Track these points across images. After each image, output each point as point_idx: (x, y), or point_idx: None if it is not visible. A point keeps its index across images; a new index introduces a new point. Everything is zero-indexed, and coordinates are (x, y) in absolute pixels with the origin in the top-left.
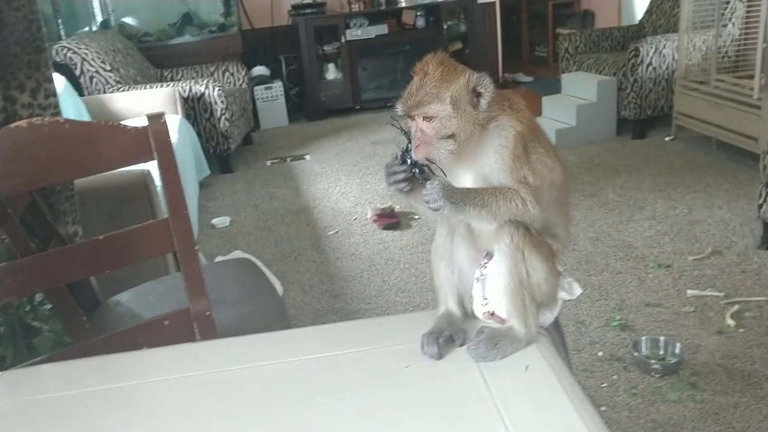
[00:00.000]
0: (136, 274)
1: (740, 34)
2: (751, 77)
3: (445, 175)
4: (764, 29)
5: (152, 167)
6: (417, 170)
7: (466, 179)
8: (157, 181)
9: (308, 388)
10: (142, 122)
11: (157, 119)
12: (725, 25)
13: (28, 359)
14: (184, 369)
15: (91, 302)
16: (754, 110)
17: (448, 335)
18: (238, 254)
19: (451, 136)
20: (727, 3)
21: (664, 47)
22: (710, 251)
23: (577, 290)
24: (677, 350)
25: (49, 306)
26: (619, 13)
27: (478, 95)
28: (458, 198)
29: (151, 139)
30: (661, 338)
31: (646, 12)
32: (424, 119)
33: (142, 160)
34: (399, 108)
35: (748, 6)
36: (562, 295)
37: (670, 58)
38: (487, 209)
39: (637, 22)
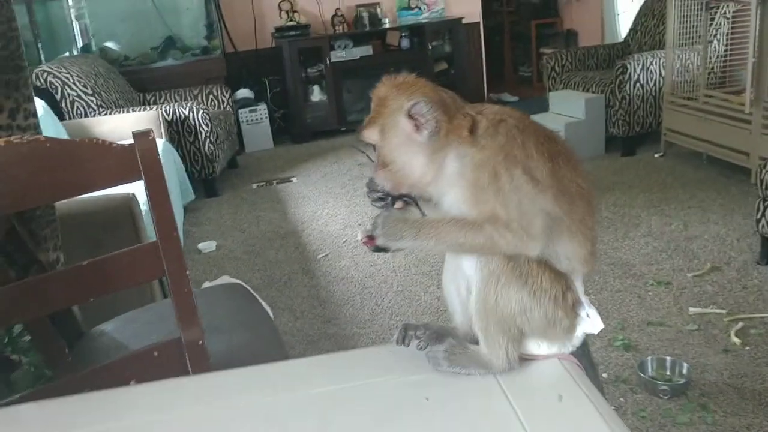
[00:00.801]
0: (121, 302)
1: (725, 51)
2: (738, 92)
3: (416, 203)
4: (754, 44)
5: (137, 190)
6: (387, 195)
7: (441, 210)
8: (143, 206)
9: (319, 425)
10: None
11: (144, 136)
12: (710, 42)
13: (6, 395)
14: (178, 406)
15: (73, 333)
16: (745, 125)
17: (432, 335)
18: (225, 279)
19: (385, 165)
20: (712, 20)
21: (651, 64)
22: (709, 267)
23: (598, 325)
24: (684, 370)
25: (28, 338)
26: (602, 32)
27: (419, 123)
28: (407, 233)
29: (139, 157)
30: (668, 358)
31: (631, 30)
32: (373, 145)
33: (129, 179)
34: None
35: (733, 22)
36: (581, 328)
37: (657, 75)
38: (448, 245)
39: (619, 41)
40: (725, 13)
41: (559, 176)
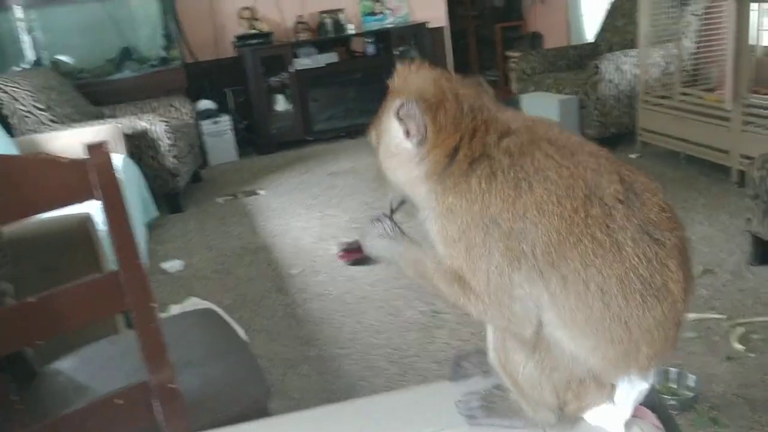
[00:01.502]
0: (79, 334)
1: (696, 48)
2: (711, 90)
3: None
4: (732, 42)
5: (94, 210)
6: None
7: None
8: (101, 226)
9: None
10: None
11: (98, 150)
12: (680, 39)
13: None
14: None
15: (24, 373)
16: (723, 122)
17: (477, 361)
18: (194, 302)
19: (380, 171)
20: (682, 17)
21: (624, 63)
22: (702, 270)
23: (617, 424)
24: (691, 382)
25: None
26: (568, 34)
27: (408, 128)
28: (389, 256)
29: (93, 173)
30: (672, 370)
31: (600, 30)
32: None
33: (82, 199)
34: None
35: (705, 20)
36: (594, 419)
37: (630, 75)
38: (427, 284)
39: (586, 41)
40: (695, 10)
41: (569, 254)
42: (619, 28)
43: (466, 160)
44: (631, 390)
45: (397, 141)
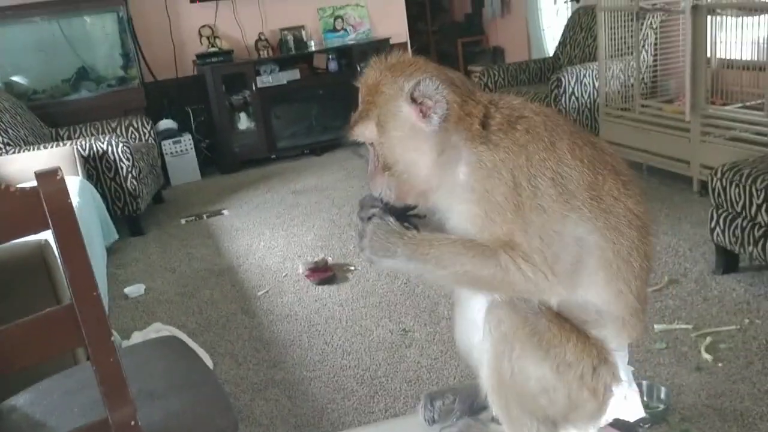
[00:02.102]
0: (36, 367)
1: (654, 61)
2: (670, 101)
3: (418, 217)
4: (689, 54)
5: (51, 236)
6: (380, 207)
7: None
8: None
9: None
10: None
11: (50, 177)
12: (638, 52)
13: None
14: None
15: None
16: (683, 133)
17: (451, 400)
18: (157, 327)
19: (387, 168)
20: (640, 31)
21: (585, 76)
22: (667, 281)
23: (636, 411)
24: (662, 395)
25: None
26: (529, 48)
27: (426, 107)
28: (401, 249)
29: (44, 202)
30: (644, 382)
31: (560, 43)
32: (370, 144)
33: (33, 230)
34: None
35: (662, 33)
36: (612, 413)
37: (591, 87)
38: (450, 272)
39: (547, 55)
40: (651, 24)
41: (602, 192)
42: (579, 41)
43: (505, 120)
44: (627, 372)
45: (412, 122)
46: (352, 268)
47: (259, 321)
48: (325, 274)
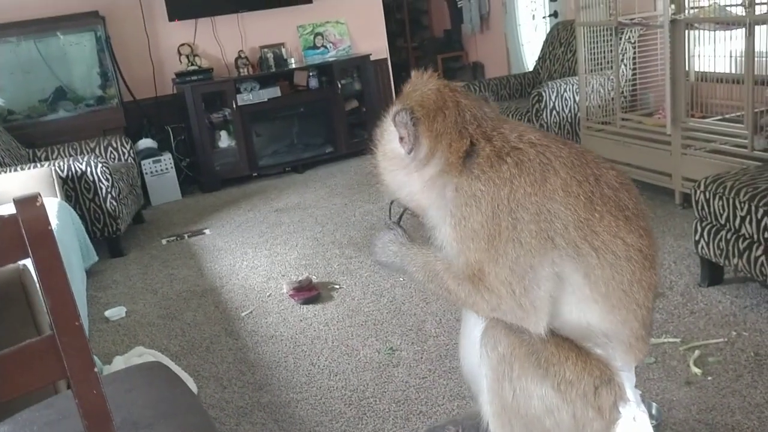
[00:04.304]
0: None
1: (633, 75)
2: (650, 114)
3: (403, 230)
4: (668, 67)
5: (30, 261)
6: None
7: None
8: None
9: None
10: (11, 209)
11: (29, 204)
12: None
13: None
14: None
15: None
16: (664, 146)
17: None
18: (140, 351)
19: (383, 181)
20: (618, 45)
21: (565, 91)
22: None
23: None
24: (654, 411)
25: None
26: (508, 63)
27: (402, 135)
28: (398, 259)
29: (24, 231)
30: None
31: (539, 58)
32: None
33: (12, 259)
34: None
35: (639, 47)
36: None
37: (571, 102)
38: (436, 287)
39: (527, 70)
40: (630, 38)
41: (598, 228)
42: (558, 56)
43: (494, 153)
44: (635, 393)
45: (393, 145)
46: (337, 286)
47: (244, 343)
48: (309, 293)
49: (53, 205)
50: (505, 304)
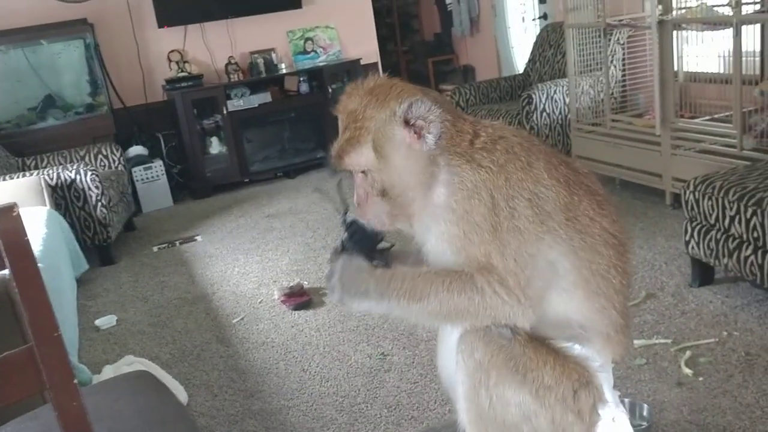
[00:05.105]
0: None
1: (623, 76)
2: (640, 116)
3: (388, 246)
4: (657, 68)
5: None
6: (344, 238)
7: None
8: None
9: None
10: None
11: (5, 214)
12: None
13: None
14: None
15: None
16: (654, 147)
17: None
18: (130, 359)
19: (385, 193)
20: (607, 46)
21: (555, 93)
22: (645, 295)
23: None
24: (645, 412)
25: None
26: (499, 66)
27: (419, 128)
28: (372, 287)
29: (0, 242)
30: (626, 400)
31: (529, 61)
32: (361, 172)
33: None
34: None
35: (629, 49)
36: None
37: (561, 103)
38: (424, 306)
39: (517, 72)
40: (619, 39)
41: (578, 212)
42: (548, 58)
43: (489, 139)
44: (613, 394)
45: (407, 144)
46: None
47: (235, 350)
48: (301, 299)
49: (42, 214)
50: (511, 295)
